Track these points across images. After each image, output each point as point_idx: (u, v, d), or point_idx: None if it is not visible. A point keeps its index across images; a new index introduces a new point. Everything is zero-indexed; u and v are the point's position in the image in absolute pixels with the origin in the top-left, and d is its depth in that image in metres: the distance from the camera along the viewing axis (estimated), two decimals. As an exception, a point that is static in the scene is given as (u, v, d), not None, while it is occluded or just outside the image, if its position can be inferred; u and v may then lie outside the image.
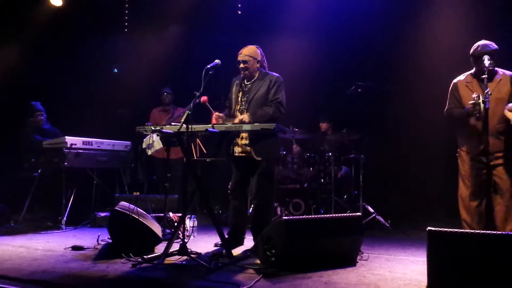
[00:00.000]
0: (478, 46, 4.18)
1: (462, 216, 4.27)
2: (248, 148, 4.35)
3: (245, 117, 4.25)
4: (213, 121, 4.37)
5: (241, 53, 4.47)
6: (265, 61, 4.59)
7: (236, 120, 4.30)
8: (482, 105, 3.86)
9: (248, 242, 4.59)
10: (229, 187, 4.61)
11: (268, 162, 4.36)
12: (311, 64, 7.22)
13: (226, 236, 4.38)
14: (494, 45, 4.15)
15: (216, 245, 4.64)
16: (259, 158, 4.30)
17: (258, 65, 4.50)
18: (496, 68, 4.18)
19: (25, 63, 7.32)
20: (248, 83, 4.52)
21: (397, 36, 6.87)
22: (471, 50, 4.23)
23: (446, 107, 4.41)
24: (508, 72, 4.21)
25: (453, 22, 6.44)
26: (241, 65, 4.45)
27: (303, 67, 7.23)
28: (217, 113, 4.41)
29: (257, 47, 4.54)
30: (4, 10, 7.10)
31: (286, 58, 7.18)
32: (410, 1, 6.76)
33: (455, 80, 4.38)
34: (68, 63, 7.58)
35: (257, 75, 4.50)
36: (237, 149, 4.44)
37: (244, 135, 4.36)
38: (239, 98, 4.53)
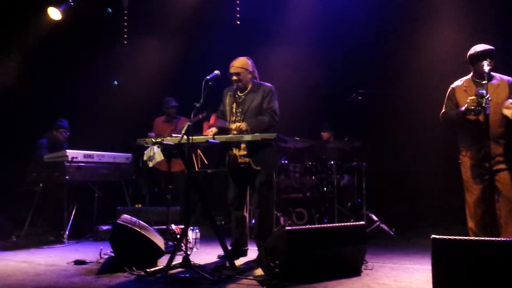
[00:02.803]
0: (476, 49, 4.16)
1: (468, 222, 4.20)
2: (247, 159, 4.38)
3: (243, 125, 4.31)
4: (205, 133, 4.41)
5: (233, 66, 4.50)
6: (256, 72, 4.63)
7: (233, 127, 4.33)
8: (484, 101, 3.81)
9: (252, 253, 4.56)
10: (228, 198, 4.61)
11: (267, 170, 4.42)
12: (311, 72, 7.24)
13: (229, 248, 4.36)
14: (491, 47, 4.13)
15: (219, 256, 4.61)
16: (258, 168, 4.35)
17: (250, 76, 4.55)
18: (492, 73, 4.15)
19: (25, 76, 7.32)
20: (242, 94, 4.56)
21: (396, 42, 6.89)
22: (469, 53, 4.21)
23: (442, 111, 4.37)
24: (506, 77, 4.19)
25: (452, 26, 6.45)
26: (234, 77, 4.48)
27: (303, 75, 7.26)
28: (211, 129, 4.45)
29: (248, 58, 4.58)
30: (4, 24, 7.12)
31: (286, 67, 7.22)
32: (408, 8, 6.78)
33: (452, 85, 4.35)
34: (68, 76, 7.58)
35: (250, 86, 4.55)
36: (235, 161, 4.46)
37: (242, 145, 4.38)
38: (234, 109, 4.56)
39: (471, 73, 4.26)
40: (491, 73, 4.14)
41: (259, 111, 4.45)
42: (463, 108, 4.03)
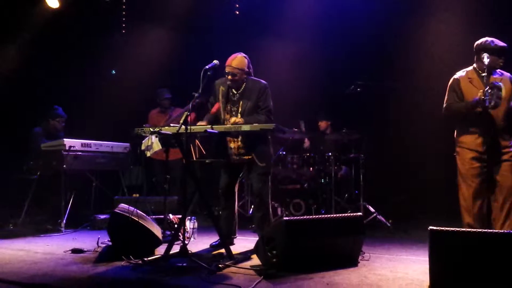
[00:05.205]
0: (482, 41, 4.13)
1: (464, 218, 4.15)
2: (248, 156, 4.43)
3: (241, 120, 4.31)
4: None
5: (230, 65, 4.41)
6: (251, 68, 4.58)
7: (232, 121, 4.34)
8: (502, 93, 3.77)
9: (248, 243, 4.57)
10: (220, 187, 4.66)
11: (267, 162, 4.49)
12: (310, 63, 7.21)
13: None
14: (500, 43, 4.08)
15: (211, 245, 4.62)
16: (263, 164, 4.40)
17: (245, 76, 4.50)
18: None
19: (22, 65, 7.28)
20: (236, 92, 4.52)
21: (397, 34, 6.86)
22: (476, 44, 4.17)
23: (445, 103, 4.29)
24: (506, 74, 4.19)
25: (453, 19, 6.43)
26: (229, 77, 4.43)
27: (302, 67, 7.23)
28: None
29: (245, 57, 4.52)
30: (1, 13, 7.06)
31: (285, 58, 7.20)
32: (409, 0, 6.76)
33: (455, 76, 4.28)
34: (66, 65, 7.54)
35: (244, 84, 4.50)
36: (235, 156, 4.50)
37: (240, 144, 4.43)
38: (228, 107, 4.53)
39: (474, 65, 4.23)
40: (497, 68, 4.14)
41: (255, 108, 4.45)
42: (475, 99, 3.92)
